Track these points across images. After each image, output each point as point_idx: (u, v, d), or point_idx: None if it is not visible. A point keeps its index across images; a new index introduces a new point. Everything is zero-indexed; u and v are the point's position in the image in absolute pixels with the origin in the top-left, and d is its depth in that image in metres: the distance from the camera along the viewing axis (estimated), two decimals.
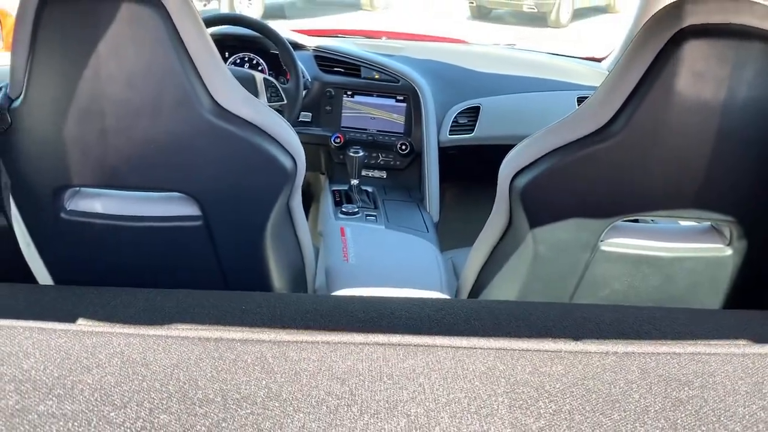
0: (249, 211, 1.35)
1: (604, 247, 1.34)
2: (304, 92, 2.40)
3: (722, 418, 0.73)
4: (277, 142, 1.30)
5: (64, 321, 0.86)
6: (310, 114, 2.58)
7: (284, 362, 0.75)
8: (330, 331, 0.83)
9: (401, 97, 2.52)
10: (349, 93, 2.56)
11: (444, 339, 0.87)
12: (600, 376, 0.80)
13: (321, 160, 2.68)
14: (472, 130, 2.49)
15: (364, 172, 2.52)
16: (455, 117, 2.50)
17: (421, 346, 0.84)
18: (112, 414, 0.67)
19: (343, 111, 2.56)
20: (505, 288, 1.50)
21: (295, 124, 2.43)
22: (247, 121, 1.25)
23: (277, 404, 0.69)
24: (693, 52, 1.12)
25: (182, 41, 1.12)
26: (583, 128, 1.25)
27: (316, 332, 0.82)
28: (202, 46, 1.16)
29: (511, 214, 1.41)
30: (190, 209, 1.32)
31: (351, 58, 2.54)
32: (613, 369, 0.82)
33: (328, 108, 2.57)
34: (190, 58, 1.14)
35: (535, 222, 1.34)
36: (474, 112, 2.50)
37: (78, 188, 1.30)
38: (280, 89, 2.32)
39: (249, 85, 2.25)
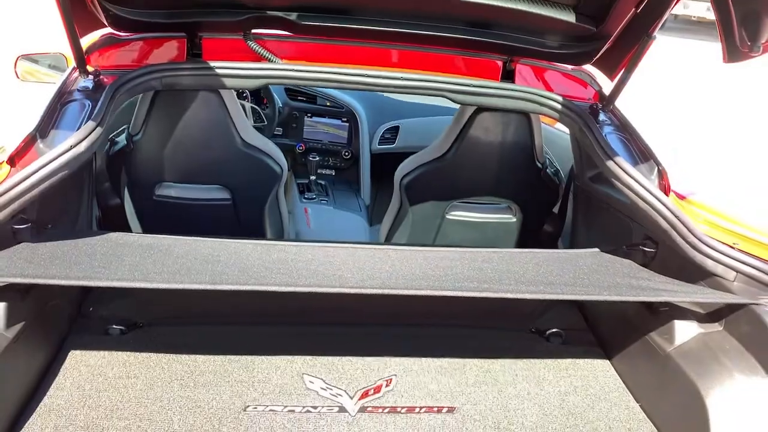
0: (257, 196, 2.45)
1: (448, 217, 2.50)
2: (277, 115, 3.50)
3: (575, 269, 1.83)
4: (273, 158, 2.41)
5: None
6: (282, 129, 3.66)
7: (285, 253, 1.83)
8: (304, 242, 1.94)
9: (345, 119, 3.63)
10: (309, 115, 3.65)
11: (375, 244, 1.95)
12: (490, 259, 1.86)
13: (288, 161, 3.78)
14: (394, 142, 3.61)
15: (319, 171, 3.62)
16: (382, 133, 3.62)
17: (354, 247, 1.92)
18: (211, 267, 1.74)
19: (304, 127, 3.66)
20: (399, 241, 2.66)
21: (272, 136, 3.52)
22: (257, 147, 2.35)
23: (291, 265, 1.78)
24: (484, 118, 2.28)
25: (227, 108, 2.22)
26: (435, 154, 2.41)
27: (297, 242, 1.93)
28: (236, 110, 2.26)
29: (401, 199, 2.57)
30: (224, 195, 2.41)
31: (310, 91, 3.64)
32: (490, 257, 1.88)
33: (294, 125, 3.66)
34: (231, 118, 2.24)
35: (411, 203, 2.50)
36: (395, 129, 3.62)
37: (162, 182, 2.37)
38: (261, 113, 3.42)
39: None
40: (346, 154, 3.63)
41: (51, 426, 1.50)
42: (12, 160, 1.64)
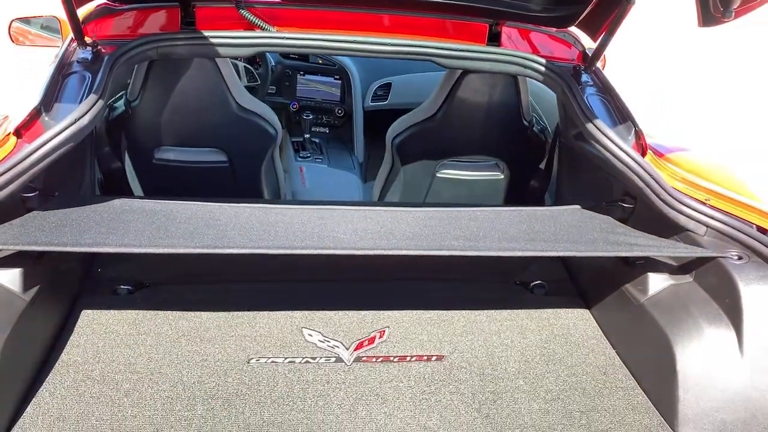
0: (253, 158, 2.54)
1: (438, 175, 2.59)
2: (270, 73, 3.55)
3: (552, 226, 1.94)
4: (267, 121, 2.48)
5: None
6: (275, 87, 3.71)
7: (282, 216, 1.94)
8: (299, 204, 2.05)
9: (337, 77, 3.67)
10: (302, 73, 3.69)
11: (367, 205, 2.07)
12: (476, 217, 1.98)
13: (282, 120, 3.84)
14: (386, 99, 3.67)
15: (313, 129, 3.69)
16: (375, 90, 3.67)
17: (348, 209, 2.04)
18: (212, 231, 1.86)
19: (297, 85, 3.70)
20: (392, 199, 2.76)
21: (266, 95, 3.58)
22: (252, 110, 2.42)
23: (288, 228, 1.89)
24: (471, 79, 2.35)
25: (222, 75, 2.28)
26: (425, 114, 2.49)
27: (293, 204, 2.04)
28: (231, 76, 2.32)
29: (392, 159, 2.65)
30: (221, 157, 2.49)
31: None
32: (476, 216, 1.99)
33: (287, 83, 3.70)
34: (226, 83, 2.30)
35: (403, 162, 2.59)
36: (387, 87, 3.67)
37: (161, 146, 2.45)
38: (254, 73, 3.47)
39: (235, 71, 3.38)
40: (339, 111, 3.69)
41: (70, 380, 1.63)
42: (18, 132, 1.73)
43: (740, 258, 1.71)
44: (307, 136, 3.55)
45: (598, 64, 2.31)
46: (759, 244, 1.72)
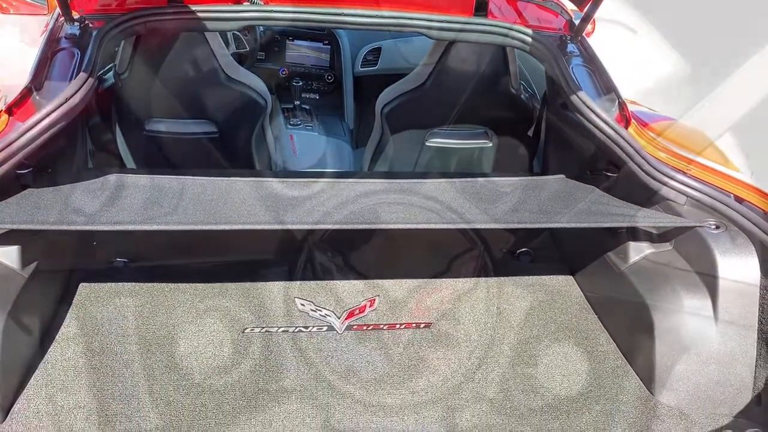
0: (243, 128, 2.56)
1: (427, 144, 2.62)
2: (259, 39, 3.52)
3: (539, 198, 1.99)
4: (257, 91, 2.49)
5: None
6: (264, 54, 3.69)
7: (272, 190, 1.98)
8: (292, 177, 2.08)
9: (326, 42, 3.65)
10: (291, 38, 3.67)
11: (356, 177, 2.12)
12: (463, 188, 2.02)
13: (272, 86, 3.83)
14: (376, 64, 3.66)
15: (302, 95, 3.68)
16: (365, 55, 3.66)
17: (338, 181, 2.07)
18: (204, 207, 1.90)
19: (287, 51, 3.69)
20: (382, 168, 2.79)
21: (254, 62, 3.56)
22: (241, 81, 2.43)
23: (278, 202, 1.94)
24: (459, 49, 2.36)
25: (210, 45, 2.29)
26: (413, 84, 2.50)
27: (283, 177, 2.08)
28: (219, 47, 2.33)
29: (382, 128, 2.67)
30: (211, 128, 2.51)
31: None
32: (463, 187, 2.05)
33: (276, 49, 3.68)
34: (214, 54, 2.31)
35: (392, 132, 2.61)
36: (377, 51, 3.66)
37: (152, 118, 2.46)
38: (243, 40, 3.45)
39: (223, 37, 3.36)
40: (329, 77, 3.68)
41: (71, 351, 1.69)
42: (10, 110, 1.74)
43: (717, 227, 1.77)
44: (297, 102, 3.55)
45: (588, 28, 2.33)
46: (736, 213, 1.78)
